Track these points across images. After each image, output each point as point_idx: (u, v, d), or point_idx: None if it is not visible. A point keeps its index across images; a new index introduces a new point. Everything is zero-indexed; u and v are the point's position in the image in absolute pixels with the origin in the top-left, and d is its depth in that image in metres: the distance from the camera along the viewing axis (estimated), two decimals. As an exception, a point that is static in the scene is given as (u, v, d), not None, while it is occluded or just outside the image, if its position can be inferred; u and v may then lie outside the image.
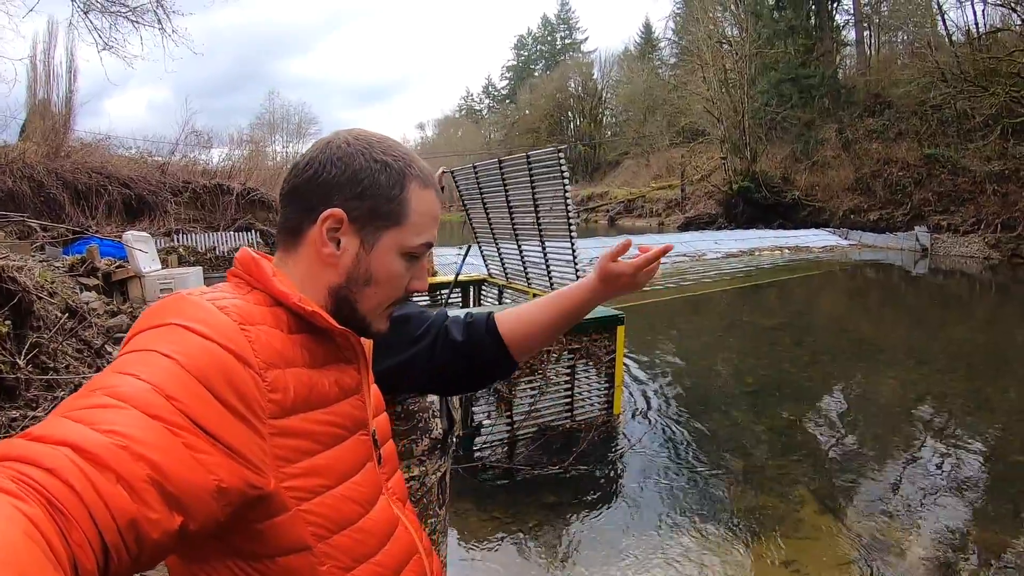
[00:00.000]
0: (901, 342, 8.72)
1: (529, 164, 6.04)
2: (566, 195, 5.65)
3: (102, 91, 52.51)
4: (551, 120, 59.68)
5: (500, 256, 7.65)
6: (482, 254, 8.13)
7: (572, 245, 5.87)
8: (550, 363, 4.87)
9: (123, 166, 16.50)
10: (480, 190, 7.29)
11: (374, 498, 0.88)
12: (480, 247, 8.04)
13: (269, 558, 0.75)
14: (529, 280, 7.09)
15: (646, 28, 56.48)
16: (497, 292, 7.92)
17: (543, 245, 6.43)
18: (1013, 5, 20.40)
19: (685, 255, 18.51)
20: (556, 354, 4.86)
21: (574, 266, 5.88)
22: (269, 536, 0.74)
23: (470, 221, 8.03)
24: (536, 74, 68.05)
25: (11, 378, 2.89)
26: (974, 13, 23.64)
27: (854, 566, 3.31)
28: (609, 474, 4.51)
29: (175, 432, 0.62)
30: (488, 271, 8.26)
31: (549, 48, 69.93)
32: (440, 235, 0.95)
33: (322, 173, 0.84)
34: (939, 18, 25.42)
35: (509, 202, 6.77)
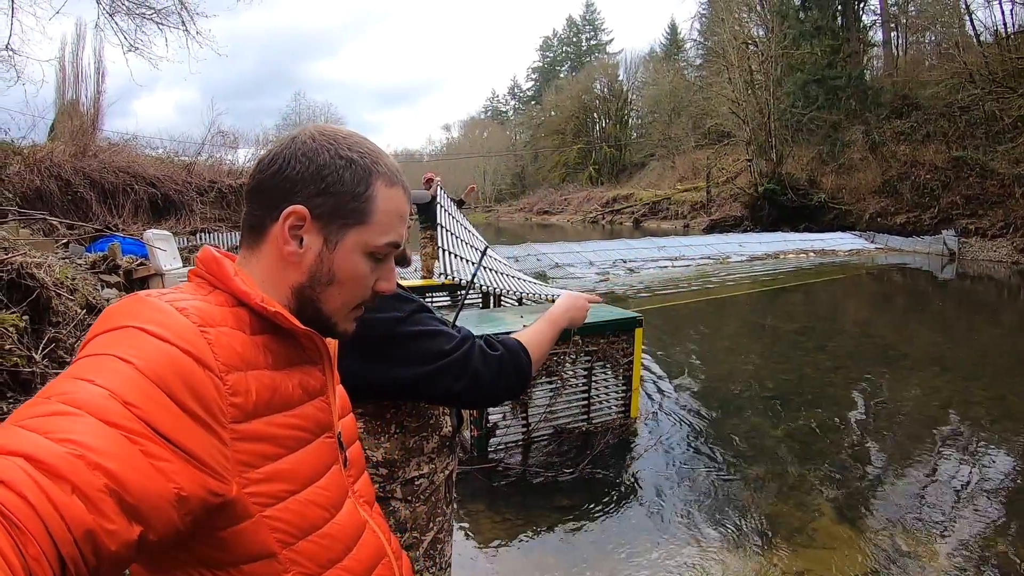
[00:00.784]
0: (926, 348, 8.53)
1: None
2: None
3: (131, 92, 53.41)
4: (576, 121, 59.73)
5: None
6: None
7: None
8: (567, 365, 4.82)
9: (149, 166, 16.81)
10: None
11: (340, 502, 0.86)
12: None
13: (233, 566, 0.74)
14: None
15: (671, 29, 56.41)
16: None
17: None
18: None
19: (709, 258, 18.31)
20: (573, 356, 4.81)
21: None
22: (233, 543, 0.73)
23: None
24: (562, 75, 68.26)
25: (27, 372, 2.93)
26: (1002, 13, 22.97)
27: (871, 578, 3.23)
28: (624, 478, 4.45)
29: (133, 439, 0.60)
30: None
31: (574, 49, 70.09)
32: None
33: (286, 168, 0.82)
34: (967, 18, 24.81)
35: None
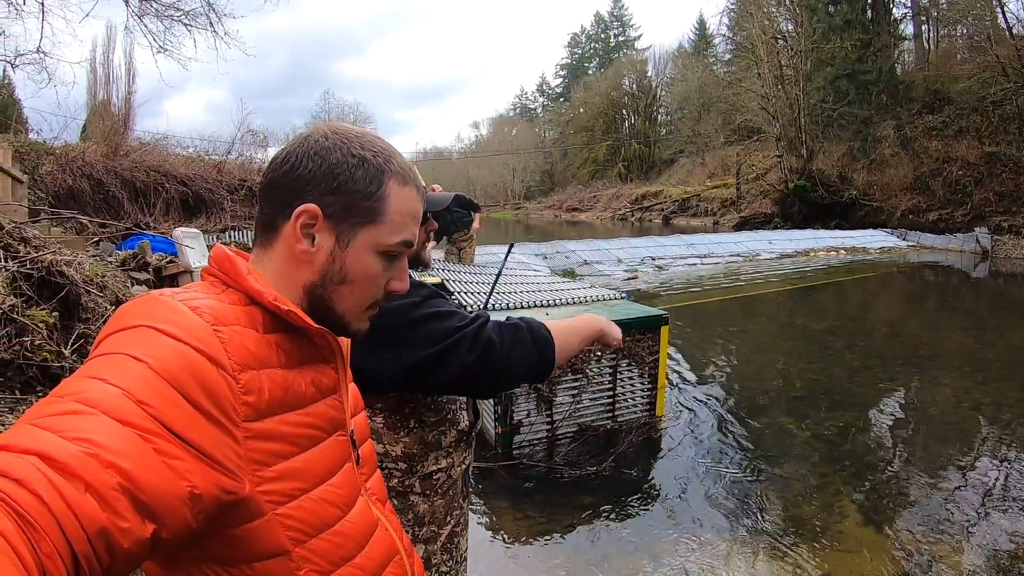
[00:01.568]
0: (957, 348, 8.36)
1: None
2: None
3: (161, 93, 54.21)
4: (605, 118, 59.36)
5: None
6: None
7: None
8: (592, 363, 4.81)
9: (180, 164, 17.10)
10: None
11: (352, 500, 0.86)
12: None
13: (246, 563, 0.74)
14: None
15: (700, 24, 55.66)
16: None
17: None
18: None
19: (739, 255, 18.04)
20: (599, 354, 4.81)
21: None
22: (245, 541, 0.73)
23: None
24: (590, 72, 67.76)
25: (56, 367, 3.00)
26: (1035, 5, 22.45)
27: (897, 583, 3.19)
28: (648, 477, 4.43)
29: (146, 438, 0.61)
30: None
31: (603, 46, 69.58)
32: (490, 234, 0.94)
33: (298, 167, 0.82)
34: (999, 10, 23.93)
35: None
